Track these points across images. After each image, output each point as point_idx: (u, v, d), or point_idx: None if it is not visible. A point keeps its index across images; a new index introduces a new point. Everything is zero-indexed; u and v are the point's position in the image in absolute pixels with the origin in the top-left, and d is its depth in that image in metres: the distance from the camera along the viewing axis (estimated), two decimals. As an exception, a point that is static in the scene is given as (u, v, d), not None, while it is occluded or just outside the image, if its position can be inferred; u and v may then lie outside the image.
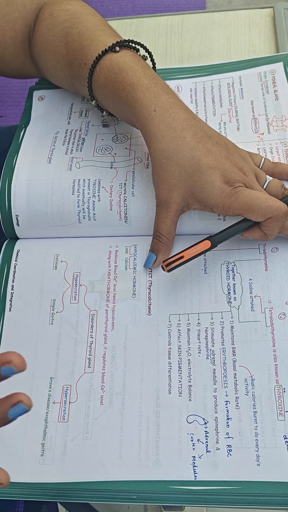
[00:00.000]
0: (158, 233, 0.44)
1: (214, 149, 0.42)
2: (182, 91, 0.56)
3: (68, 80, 0.50)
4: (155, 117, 0.42)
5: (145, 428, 0.40)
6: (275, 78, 0.54)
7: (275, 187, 0.44)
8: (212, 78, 0.56)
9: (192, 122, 0.42)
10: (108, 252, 0.47)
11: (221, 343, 0.42)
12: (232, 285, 0.44)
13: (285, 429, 0.38)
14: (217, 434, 0.39)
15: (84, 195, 0.47)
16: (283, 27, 0.63)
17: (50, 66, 0.51)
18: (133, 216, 0.47)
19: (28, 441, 0.41)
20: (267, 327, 0.42)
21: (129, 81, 0.43)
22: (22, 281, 0.47)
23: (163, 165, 0.42)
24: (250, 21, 0.65)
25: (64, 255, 0.47)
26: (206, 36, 0.65)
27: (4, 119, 1.45)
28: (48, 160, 0.50)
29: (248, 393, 0.40)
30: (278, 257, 0.44)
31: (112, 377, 0.42)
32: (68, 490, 0.39)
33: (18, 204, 0.48)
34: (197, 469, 0.38)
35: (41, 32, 0.50)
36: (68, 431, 0.41)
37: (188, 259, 0.41)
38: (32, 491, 0.39)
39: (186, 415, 0.40)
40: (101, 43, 0.46)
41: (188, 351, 0.42)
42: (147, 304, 0.44)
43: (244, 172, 0.42)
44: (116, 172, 0.48)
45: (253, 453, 0.38)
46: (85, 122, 0.53)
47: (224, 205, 0.41)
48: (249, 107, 0.53)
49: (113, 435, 0.40)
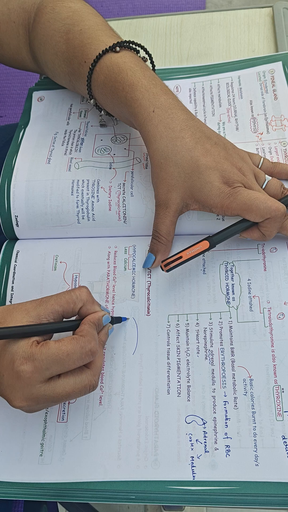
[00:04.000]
0: (157, 234, 0.44)
1: (213, 150, 0.42)
2: (181, 91, 0.56)
3: (66, 76, 0.51)
4: (153, 117, 0.42)
5: (143, 428, 0.40)
6: (274, 77, 0.54)
7: (274, 186, 0.44)
8: (211, 78, 0.56)
9: (190, 123, 0.42)
10: (107, 252, 0.47)
11: (219, 343, 0.42)
12: (231, 285, 0.44)
13: (283, 429, 0.38)
14: (216, 434, 0.39)
15: (83, 195, 0.47)
16: (282, 27, 0.62)
17: (48, 60, 0.51)
18: (132, 216, 0.47)
19: (27, 441, 0.41)
20: (265, 327, 0.42)
21: (129, 82, 0.43)
22: (22, 281, 0.47)
23: (162, 165, 0.42)
24: (249, 20, 0.65)
25: (63, 256, 0.47)
26: (205, 36, 0.65)
27: (4, 119, 1.45)
28: (47, 160, 0.50)
29: (246, 393, 0.40)
30: (276, 257, 0.44)
31: (111, 377, 0.42)
32: (67, 490, 0.39)
33: (17, 204, 0.48)
34: (196, 469, 0.38)
35: (42, 25, 0.50)
36: (67, 431, 0.41)
37: (186, 259, 0.41)
38: (31, 491, 0.39)
39: (184, 415, 0.40)
40: (101, 42, 0.46)
41: (187, 351, 0.42)
42: (146, 304, 0.44)
43: (243, 172, 0.42)
44: (115, 173, 0.49)
45: (251, 453, 0.38)
46: (84, 123, 0.53)
47: (223, 205, 0.41)
48: (248, 106, 0.53)
49: (112, 435, 0.40)
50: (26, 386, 0.34)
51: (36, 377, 0.34)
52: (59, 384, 0.35)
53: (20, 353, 0.34)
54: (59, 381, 0.35)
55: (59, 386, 0.35)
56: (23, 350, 0.34)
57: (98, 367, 0.37)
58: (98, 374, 0.37)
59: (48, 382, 0.35)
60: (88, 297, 0.38)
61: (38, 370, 0.34)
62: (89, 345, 0.35)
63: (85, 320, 0.38)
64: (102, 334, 0.40)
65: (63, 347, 0.35)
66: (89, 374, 0.37)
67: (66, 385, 0.35)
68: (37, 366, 0.34)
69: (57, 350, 0.34)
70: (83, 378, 0.36)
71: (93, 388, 0.37)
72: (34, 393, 0.35)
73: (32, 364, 0.34)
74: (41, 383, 0.35)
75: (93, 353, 0.36)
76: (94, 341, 0.36)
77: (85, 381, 0.36)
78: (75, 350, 0.35)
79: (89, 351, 0.35)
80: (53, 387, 0.35)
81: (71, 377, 0.36)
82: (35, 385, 0.34)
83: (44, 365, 0.34)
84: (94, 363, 0.37)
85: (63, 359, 0.34)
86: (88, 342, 0.36)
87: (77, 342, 0.35)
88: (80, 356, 0.35)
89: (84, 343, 0.35)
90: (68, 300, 0.37)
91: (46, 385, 0.35)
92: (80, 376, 0.36)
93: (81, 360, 0.35)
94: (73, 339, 0.35)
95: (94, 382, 0.37)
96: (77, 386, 0.36)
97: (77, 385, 0.36)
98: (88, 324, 0.37)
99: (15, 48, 0.54)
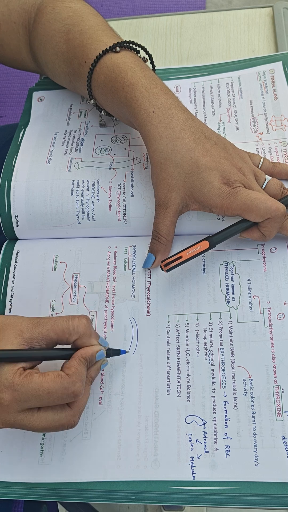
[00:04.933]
0: (157, 234, 0.44)
1: (213, 150, 0.42)
2: (181, 91, 0.56)
3: (66, 76, 0.51)
4: (153, 118, 0.42)
5: (143, 428, 0.40)
6: (274, 77, 0.54)
7: (274, 186, 0.44)
8: (211, 78, 0.56)
9: (190, 123, 0.42)
10: (107, 253, 0.47)
11: (219, 344, 0.42)
12: (231, 286, 0.44)
13: (283, 429, 0.38)
14: (216, 434, 0.39)
15: (83, 195, 0.47)
16: (282, 27, 0.62)
17: (49, 60, 0.51)
18: (132, 216, 0.47)
19: (27, 441, 0.41)
20: (265, 327, 0.42)
21: (129, 82, 0.43)
22: (22, 282, 0.47)
23: (162, 165, 0.42)
24: (249, 20, 0.65)
25: (63, 256, 0.47)
26: (205, 36, 0.65)
27: (4, 119, 1.45)
28: (47, 160, 0.50)
29: (246, 393, 0.40)
30: (276, 258, 0.44)
31: (111, 377, 0.42)
32: (67, 490, 0.39)
33: (17, 205, 0.48)
34: (196, 470, 0.38)
35: (42, 26, 0.50)
36: (67, 431, 0.41)
37: (186, 259, 0.41)
38: (31, 491, 0.39)
39: (184, 415, 0.40)
40: (102, 42, 0.46)
41: (186, 351, 0.42)
42: (146, 304, 0.44)
43: (243, 172, 0.42)
44: (115, 173, 0.49)
45: (251, 454, 0.38)
46: (84, 123, 0.53)
47: (223, 206, 0.41)
48: (248, 106, 0.53)
49: (112, 435, 0.40)
50: (2, 412, 0.34)
51: (14, 406, 0.34)
52: (37, 417, 0.35)
53: (2, 380, 0.34)
54: (37, 414, 0.35)
55: (36, 419, 0.35)
56: (5, 377, 0.34)
57: (80, 407, 0.36)
58: (78, 414, 0.36)
59: (26, 412, 0.35)
60: (86, 330, 0.37)
61: (17, 401, 0.34)
62: (73, 387, 0.34)
63: (77, 354, 0.36)
64: (92, 370, 0.38)
65: (45, 384, 0.34)
66: (69, 413, 0.36)
67: (43, 420, 0.35)
68: (15, 397, 0.34)
69: (39, 386, 0.34)
70: (62, 416, 0.35)
71: (71, 427, 0.36)
72: (10, 420, 0.34)
73: (12, 394, 0.33)
74: (18, 412, 0.34)
75: (76, 396, 0.35)
76: (80, 383, 0.35)
77: (62, 420, 0.35)
78: (57, 389, 0.34)
79: (71, 393, 0.34)
80: (30, 419, 0.35)
81: (50, 413, 0.35)
82: (12, 413, 0.34)
83: (23, 397, 0.34)
84: (77, 403, 0.36)
85: (43, 396, 0.34)
86: (72, 384, 0.34)
87: (60, 382, 0.34)
88: (61, 396, 0.34)
89: (68, 384, 0.34)
90: (64, 329, 0.36)
91: (23, 415, 0.34)
92: (59, 414, 0.35)
93: (62, 400, 0.35)
94: (58, 377, 0.34)
95: (73, 422, 0.36)
96: (54, 423, 0.35)
97: (54, 423, 0.35)
98: (78, 360, 0.36)
99: (15, 49, 0.54)
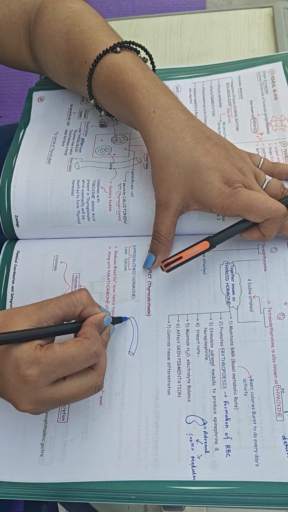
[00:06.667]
0: (158, 234, 0.44)
1: (213, 150, 0.42)
2: (181, 91, 0.56)
3: (66, 77, 0.51)
4: (154, 118, 0.42)
5: (144, 428, 0.40)
6: (274, 77, 0.54)
7: (274, 187, 0.44)
8: (211, 78, 0.56)
9: (191, 123, 0.42)
10: (108, 253, 0.47)
11: (220, 344, 0.42)
12: (231, 286, 0.44)
13: (283, 429, 0.38)
14: (216, 434, 0.39)
15: (83, 195, 0.47)
16: (282, 27, 0.62)
17: (49, 60, 0.51)
18: (132, 216, 0.47)
19: (27, 441, 0.41)
20: (266, 327, 0.42)
21: (129, 82, 0.43)
22: (22, 282, 0.47)
23: (162, 165, 0.42)
24: (249, 20, 0.65)
25: (63, 256, 0.47)
26: (206, 36, 0.65)
27: (4, 120, 1.45)
28: (47, 160, 0.50)
29: (247, 393, 0.40)
30: (277, 258, 0.44)
31: (112, 377, 0.42)
32: (68, 490, 0.39)
33: (17, 205, 0.48)
34: (196, 469, 0.38)
35: (43, 26, 0.50)
36: (67, 431, 0.41)
37: (187, 259, 0.41)
38: (31, 491, 0.39)
39: (185, 415, 0.40)
40: (102, 43, 0.46)
41: (187, 351, 0.42)
42: (146, 304, 0.44)
43: (243, 172, 0.42)
44: (115, 173, 0.49)
45: (252, 454, 0.38)
46: (84, 123, 0.53)
47: (223, 206, 0.41)
48: (248, 107, 0.53)
49: (112, 435, 0.40)
50: (32, 390, 0.34)
51: (42, 381, 0.34)
52: (65, 386, 0.35)
53: (24, 358, 0.34)
54: (65, 384, 0.35)
55: (65, 388, 0.35)
56: (27, 354, 0.34)
57: (102, 368, 0.38)
58: (102, 374, 0.38)
59: (54, 384, 0.35)
60: (89, 300, 0.38)
61: (44, 374, 0.34)
62: (93, 347, 0.36)
63: (87, 322, 0.38)
64: (104, 334, 0.40)
65: (68, 349, 0.35)
66: (94, 375, 0.37)
67: (72, 387, 0.35)
68: (43, 370, 0.34)
69: (63, 353, 0.34)
70: (89, 379, 0.36)
71: (99, 389, 0.37)
72: (40, 397, 0.35)
73: (38, 367, 0.34)
74: (47, 386, 0.35)
75: (98, 355, 0.36)
76: (98, 343, 0.36)
77: (90, 382, 0.36)
78: (80, 352, 0.35)
79: (94, 353, 0.36)
80: (59, 390, 0.35)
81: (77, 379, 0.36)
82: (42, 389, 0.34)
83: (50, 368, 0.34)
84: (99, 364, 0.37)
85: (68, 361, 0.34)
86: (92, 344, 0.36)
87: (82, 345, 0.35)
88: (86, 358, 0.35)
89: (89, 345, 0.35)
90: (68, 303, 0.37)
91: (52, 388, 0.35)
92: (86, 377, 0.36)
93: (87, 362, 0.36)
94: (78, 342, 0.35)
95: (100, 382, 0.37)
96: (82, 387, 0.36)
97: (83, 387, 0.36)
98: (90, 326, 0.37)
99: (15, 49, 0.54)
